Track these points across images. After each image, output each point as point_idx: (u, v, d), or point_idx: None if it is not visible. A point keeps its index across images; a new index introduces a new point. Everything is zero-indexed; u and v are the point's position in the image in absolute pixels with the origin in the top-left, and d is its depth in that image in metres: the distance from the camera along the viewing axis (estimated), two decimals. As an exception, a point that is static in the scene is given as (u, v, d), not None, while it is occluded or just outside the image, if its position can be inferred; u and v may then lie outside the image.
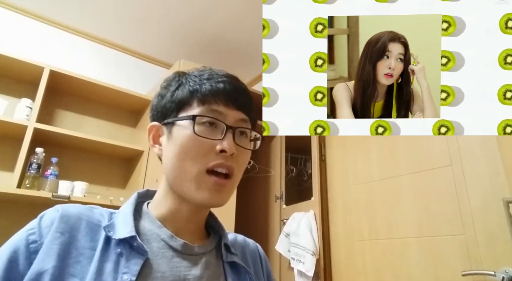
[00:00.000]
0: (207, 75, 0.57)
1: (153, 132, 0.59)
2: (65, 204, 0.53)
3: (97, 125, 2.11)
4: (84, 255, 0.47)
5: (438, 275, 1.24)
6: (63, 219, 0.49)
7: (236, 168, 0.55)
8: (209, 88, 0.55)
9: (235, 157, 0.54)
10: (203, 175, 0.52)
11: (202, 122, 0.54)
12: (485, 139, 1.22)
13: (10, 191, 1.53)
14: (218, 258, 0.58)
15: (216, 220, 0.65)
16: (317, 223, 1.69)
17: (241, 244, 0.67)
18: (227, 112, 0.55)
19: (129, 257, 0.48)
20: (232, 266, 0.58)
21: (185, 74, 0.60)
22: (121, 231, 0.50)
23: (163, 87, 0.60)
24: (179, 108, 0.56)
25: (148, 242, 0.52)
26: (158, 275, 0.49)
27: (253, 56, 2.44)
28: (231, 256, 0.59)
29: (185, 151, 0.53)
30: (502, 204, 1.08)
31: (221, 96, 0.55)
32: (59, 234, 0.48)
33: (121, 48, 2.42)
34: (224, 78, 0.57)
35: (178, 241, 0.54)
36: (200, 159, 0.52)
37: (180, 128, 0.54)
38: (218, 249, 0.60)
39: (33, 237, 0.47)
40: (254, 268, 0.64)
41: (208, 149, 0.53)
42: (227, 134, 0.53)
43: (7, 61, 1.74)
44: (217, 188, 0.53)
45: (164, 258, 0.51)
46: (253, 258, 0.66)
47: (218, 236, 0.62)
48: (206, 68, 0.61)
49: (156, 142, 0.59)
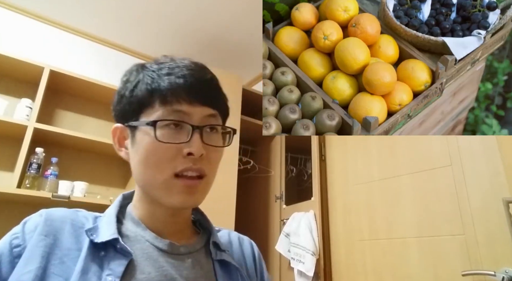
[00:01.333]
0: (167, 69, 0.52)
1: (118, 134, 0.56)
2: (50, 209, 0.52)
3: (97, 125, 2.11)
4: (69, 256, 0.47)
5: (438, 275, 1.24)
6: (47, 222, 0.49)
7: (208, 168, 0.52)
8: (169, 86, 0.50)
9: (205, 157, 0.51)
10: (171, 180, 0.50)
11: (165, 125, 0.50)
12: (485, 139, 1.22)
13: (10, 191, 1.53)
14: (207, 257, 0.57)
15: (203, 217, 0.64)
16: (317, 223, 1.69)
17: (235, 242, 0.66)
18: (192, 110, 0.51)
19: (113, 259, 0.48)
20: (222, 264, 0.57)
21: (144, 67, 0.54)
22: (104, 234, 0.49)
23: (122, 83, 0.55)
24: (140, 110, 0.52)
25: (132, 243, 0.51)
26: (142, 276, 0.48)
27: (253, 56, 2.43)
28: (220, 254, 0.57)
29: (149, 158, 0.50)
30: (502, 204, 1.08)
31: (183, 94, 0.50)
32: (43, 237, 0.47)
33: (121, 48, 2.42)
34: (186, 71, 0.52)
35: (163, 241, 0.53)
36: (166, 164, 0.50)
37: (142, 133, 0.51)
38: (207, 248, 0.58)
39: (17, 241, 0.47)
40: (248, 266, 0.63)
41: (175, 153, 0.50)
42: (194, 134, 0.50)
43: (7, 61, 1.74)
44: (189, 190, 0.50)
45: (149, 259, 0.50)
46: (248, 255, 0.65)
47: (208, 234, 0.61)
48: (167, 58, 0.55)
49: (122, 145, 0.56)
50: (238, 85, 2.07)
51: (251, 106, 2.17)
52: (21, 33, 2.07)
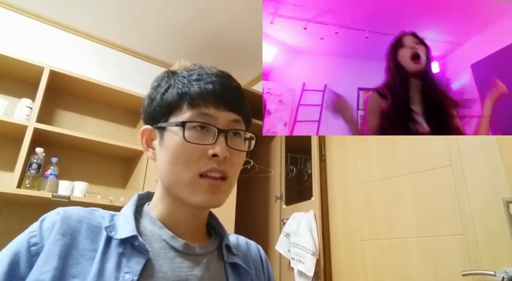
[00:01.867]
0: (196, 76, 0.56)
1: (146, 135, 0.58)
2: (66, 207, 0.53)
3: (97, 125, 2.11)
4: (85, 257, 0.48)
5: (438, 275, 1.24)
6: (64, 221, 0.50)
7: (230, 170, 0.54)
8: (198, 91, 0.54)
9: (228, 160, 0.53)
10: (197, 179, 0.52)
11: (193, 127, 0.53)
12: (485, 139, 1.22)
13: (10, 191, 1.53)
14: (219, 259, 0.58)
15: (217, 221, 0.65)
16: (317, 223, 1.69)
17: (243, 246, 0.67)
18: (218, 115, 0.54)
19: (131, 257, 0.48)
20: (234, 267, 0.58)
21: (175, 74, 0.58)
22: (122, 231, 0.50)
23: (153, 88, 0.59)
24: (169, 112, 0.55)
25: (149, 242, 0.52)
26: (159, 275, 0.49)
27: (253, 56, 2.43)
28: (232, 257, 0.59)
29: (177, 157, 0.52)
30: (502, 204, 1.08)
31: (211, 98, 0.54)
32: (60, 236, 0.48)
33: (121, 48, 2.42)
34: (214, 78, 0.55)
35: (179, 241, 0.54)
36: (192, 164, 0.52)
37: (171, 133, 0.54)
38: (220, 250, 0.59)
39: (34, 239, 0.48)
40: (255, 270, 0.64)
41: (200, 154, 0.52)
42: (219, 137, 0.52)
43: (7, 61, 1.74)
44: (213, 189, 0.52)
45: (165, 258, 0.51)
46: (255, 259, 0.66)
47: (220, 237, 0.62)
48: (196, 66, 0.59)
49: (150, 146, 0.58)
50: (238, 85, 2.06)
51: (251, 106, 2.16)
52: (21, 33, 2.07)
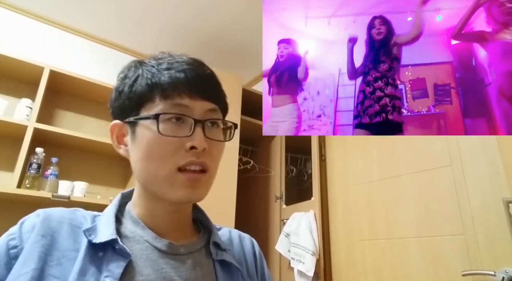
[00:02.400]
0: (166, 64, 0.52)
1: (116, 132, 0.56)
2: (48, 208, 0.51)
3: (97, 125, 2.11)
4: (67, 257, 0.46)
5: (438, 275, 1.24)
6: (45, 223, 0.48)
7: (210, 162, 0.52)
8: (169, 80, 0.50)
9: (207, 151, 0.50)
10: (175, 174, 0.49)
11: (167, 119, 0.49)
12: (485, 139, 1.22)
13: (10, 191, 1.53)
14: (208, 257, 0.56)
15: (203, 215, 0.63)
16: (317, 223, 1.69)
17: (236, 240, 0.65)
18: (193, 104, 0.51)
19: (111, 260, 0.47)
20: (223, 264, 0.56)
21: (142, 63, 0.54)
22: (102, 234, 0.48)
23: (119, 79, 0.55)
24: (140, 105, 0.51)
25: (131, 244, 0.50)
26: (141, 278, 0.47)
27: (253, 56, 2.43)
28: (221, 254, 0.57)
29: (152, 152, 0.49)
30: (502, 204, 1.08)
31: (184, 88, 0.50)
32: (40, 237, 0.46)
33: (121, 48, 2.42)
34: (186, 65, 0.52)
35: (163, 241, 0.52)
36: (169, 159, 0.49)
37: (143, 127, 0.50)
38: (208, 247, 0.57)
39: (13, 242, 0.46)
40: (248, 264, 0.62)
41: (177, 147, 0.49)
42: (196, 128, 0.50)
43: (7, 61, 1.74)
44: (193, 183, 0.50)
45: (148, 260, 0.49)
46: (248, 253, 0.64)
47: (208, 233, 0.60)
48: (165, 54, 0.55)
49: (121, 143, 0.55)
50: (238, 85, 2.07)
51: (251, 106, 2.17)
52: (21, 33, 2.07)
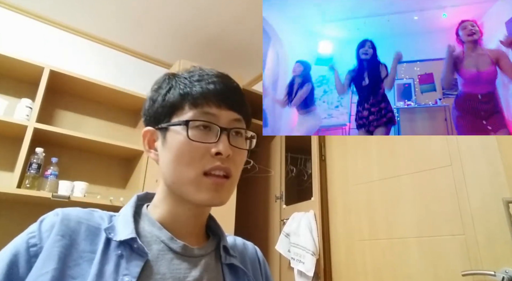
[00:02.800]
0: (197, 76, 0.57)
1: (148, 137, 0.59)
2: (66, 208, 0.53)
3: (97, 125, 2.11)
4: (84, 258, 0.48)
5: (438, 275, 1.24)
6: (64, 222, 0.49)
7: (233, 168, 0.55)
8: (200, 91, 0.55)
9: (231, 158, 0.54)
10: (201, 177, 0.52)
11: (196, 126, 0.53)
12: (485, 139, 1.22)
13: (10, 191, 1.53)
14: (217, 260, 0.59)
15: (215, 223, 0.65)
16: (317, 223, 1.69)
17: (240, 247, 0.67)
18: (220, 114, 0.55)
19: (129, 259, 0.49)
20: (231, 268, 0.59)
21: (175, 76, 0.59)
22: (121, 233, 0.50)
23: (153, 90, 0.60)
24: (171, 112, 0.55)
25: (148, 244, 0.52)
26: (158, 277, 0.49)
27: (253, 56, 2.43)
28: (230, 258, 0.59)
29: (180, 156, 0.53)
30: (502, 204, 1.08)
31: (213, 98, 0.55)
32: (59, 237, 0.48)
33: (121, 48, 2.42)
34: (215, 78, 0.57)
35: (178, 243, 0.54)
36: (196, 163, 0.52)
37: (174, 133, 0.54)
38: (217, 251, 0.60)
39: (33, 240, 0.48)
40: (253, 271, 0.64)
41: (204, 152, 0.53)
42: (222, 136, 0.53)
43: (7, 61, 1.74)
44: (216, 188, 0.53)
45: (164, 260, 0.52)
46: (252, 261, 0.67)
47: (218, 238, 0.63)
48: (196, 68, 0.60)
49: (152, 147, 0.59)
50: (238, 85, 2.06)
51: (251, 106, 2.15)
52: (21, 33, 2.07)
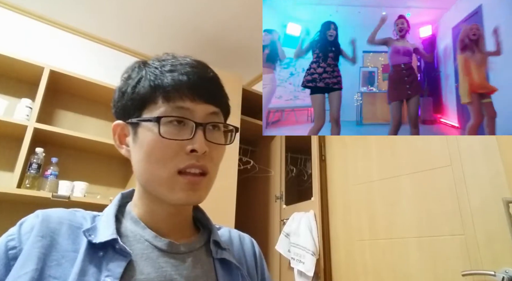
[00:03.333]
0: (170, 66, 0.52)
1: (118, 131, 0.56)
2: (47, 209, 0.51)
3: (97, 125, 2.11)
4: (66, 258, 0.46)
5: (438, 275, 1.24)
6: (44, 223, 0.48)
7: (210, 165, 0.52)
8: (172, 83, 0.50)
9: (208, 155, 0.51)
10: (175, 176, 0.50)
11: (169, 122, 0.50)
12: (485, 139, 1.22)
13: (10, 191, 1.53)
14: (208, 255, 0.57)
15: (203, 214, 0.63)
16: (317, 223, 1.69)
17: (236, 240, 0.66)
18: (195, 107, 0.51)
19: (111, 260, 0.47)
20: (223, 263, 0.57)
21: (146, 64, 0.54)
22: (102, 234, 0.49)
23: (123, 80, 0.55)
24: (142, 106, 0.52)
25: (131, 243, 0.51)
26: (142, 277, 0.48)
27: (253, 56, 2.43)
28: (221, 252, 0.57)
29: (152, 154, 0.50)
30: (502, 204, 1.08)
31: (186, 91, 0.50)
32: (39, 238, 0.47)
33: (121, 48, 2.42)
34: (189, 68, 0.52)
35: (163, 240, 0.52)
36: (169, 161, 0.50)
37: (145, 129, 0.51)
38: (208, 246, 0.58)
39: (12, 243, 0.47)
40: (248, 264, 0.63)
41: (178, 150, 0.50)
42: (197, 131, 0.50)
43: (7, 61, 1.73)
44: (192, 187, 0.50)
45: (148, 259, 0.50)
46: (248, 254, 0.65)
47: (208, 232, 0.61)
48: (169, 56, 0.55)
49: (123, 143, 0.56)
50: (238, 85, 2.07)
51: (251, 106, 2.17)
52: (21, 33, 2.07)
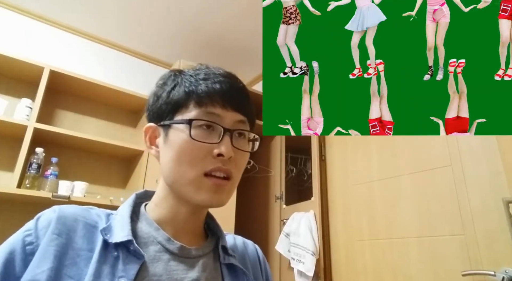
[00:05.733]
0: (203, 75, 0.56)
1: (150, 133, 0.58)
2: (63, 205, 0.52)
3: (97, 125, 2.11)
4: (81, 257, 0.47)
5: (438, 275, 1.24)
6: (60, 220, 0.49)
7: (234, 170, 0.54)
8: (205, 90, 0.54)
9: (233, 160, 0.53)
10: (201, 178, 0.52)
11: (199, 126, 0.52)
12: (485, 139, 1.22)
13: (10, 191, 1.53)
14: (215, 260, 0.58)
15: (214, 221, 0.65)
16: (317, 223, 1.69)
17: (240, 246, 0.67)
18: (224, 114, 0.54)
19: (126, 261, 0.48)
20: (230, 268, 0.58)
21: (181, 73, 0.58)
22: (118, 235, 0.50)
23: (158, 86, 0.59)
24: (175, 110, 0.54)
25: (145, 245, 0.52)
26: (154, 278, 0.49)
27: (253, 56, 2.43)
28: (228, 258, 0.59)
29: (182, 155, 0.52)
30: (502, 204, 1.08)
31: (218, 98, 0.54)
32: (55, 236, 0.47)
33: (121, 48, 2.42)
34: (221, 78, 0.55)
35: (175, 244, 0.54)
36: (197, 163, 0.52)
37: (176, 131, 0.53)
38: (216, 251, 0.59)
39: (30, 238, 0.47)
40: (253, 270, 0.64)
41: (206, 153, 0.52)
42: (225, 137, 0.52)
43: (7, 61, 1.74)
44: (216, 189, 0.52)
45: (160, 262, 0.51)
46: (253, 260, 0.66)
47: (216, 238, 0.62)
48: (203, 66, 0.59)
49: (153, 144, 0.58)
50: (238, 85, 2.06)
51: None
52: (21, 33, 2.07)
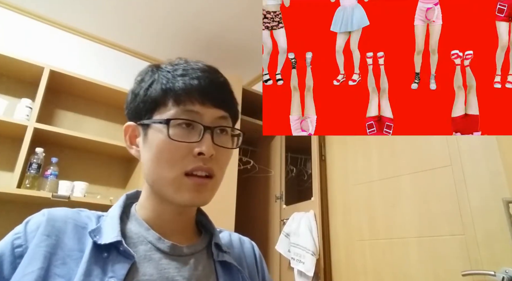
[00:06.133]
0: (181, 70, 0.54)
1: (129, 132, 0.57)
2: (52, 208, 0.52)
3: (97, 125, 2.11)
4: (72, 257, 0.47)
5: (438, 275, 1.24)
6: (50, 222, 0.49)
7: (216, 168, 0.53)
8: (183, 87, 0.52)
9: (214, 158, 0.52)
10: (182, 178, 0.51)
11: (178, 124, 0.51)
12: (485, 139, 1.22)
13: (10, 191, 1.53)
14: (209, 258, 0.57)
15: (206, 218, 0.64)
16: (317, 223, 1.69)
17: (236, 243, 0.66)
18: (204, 111, 0.52)
19: (115, 261, 0.48)
20: (224, 265, 0.57)
21: (159, 68, 0.56)
22: (107, 236, 0.49)
23: (136, 83, 0.57)
24: (153, 108, 0.53)
25: (135, 245, 0.51)
26: (145, 278, 0.48)
27: (253, 56, 2.43)
28: (222, 255, 0.58)
29: (161, 155, 0.51)
30: (502, 204, 1.08)
31: (196, 95, 0.52)
32: (45, 237, 0.47)
33: (121, 48, 2.42)
34: (200, 73, 0.54)
35: (166, 242, 0.53)
36: (177, 163, 0.51)
37: (155, 131, 0.52)
38: (209, 249, 0.59)
39: (19, 241, 0.47)
40: (249, 267, 0.63)
41: (186, 152, 0.51)
42: (205, 135, 0.51)
43: (7, 61, 1.74)
44: (198, 188, 0.51)
45: (151, 261, 0.51)
46: (249, 257, 0.65)
47: (210, 235, 0.61)
48: (181, 60, 0.57)
49: (133, 143, 0.57)
50: (238, 85, 2.07)
51: (251, 106, 2.17)
52: (21, 33, 2.07)
